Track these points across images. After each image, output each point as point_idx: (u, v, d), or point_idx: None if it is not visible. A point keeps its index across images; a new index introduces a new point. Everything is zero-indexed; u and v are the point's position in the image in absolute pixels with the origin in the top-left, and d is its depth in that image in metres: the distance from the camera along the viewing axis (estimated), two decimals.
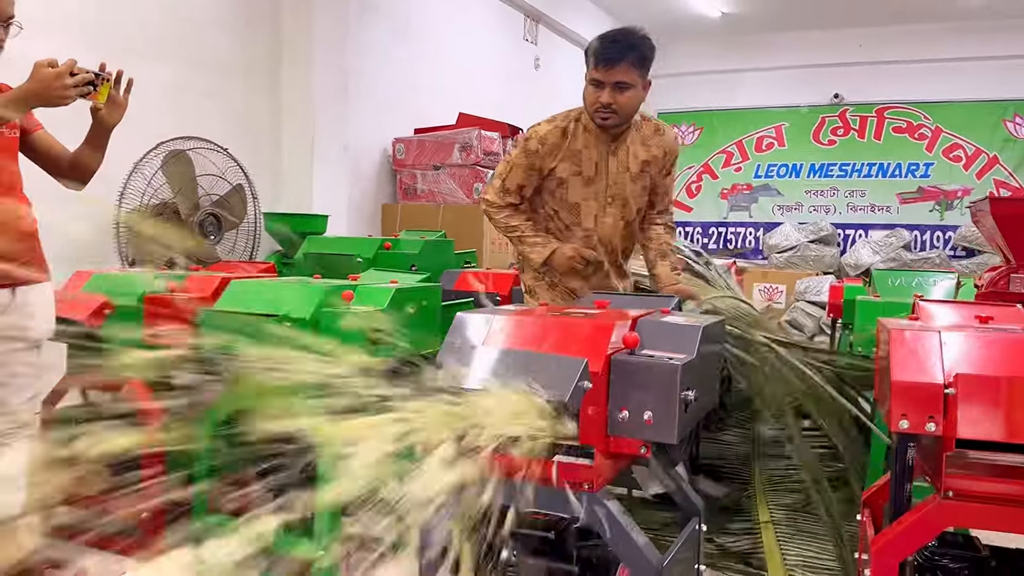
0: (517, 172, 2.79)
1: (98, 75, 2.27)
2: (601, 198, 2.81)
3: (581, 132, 2.75)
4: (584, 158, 2.75)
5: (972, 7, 8.17)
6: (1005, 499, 1.60)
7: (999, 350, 1.64)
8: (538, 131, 2.78)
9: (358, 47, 5.10)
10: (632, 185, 2.83)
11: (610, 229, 2.86)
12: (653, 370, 1.59)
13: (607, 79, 2.60)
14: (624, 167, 2.80)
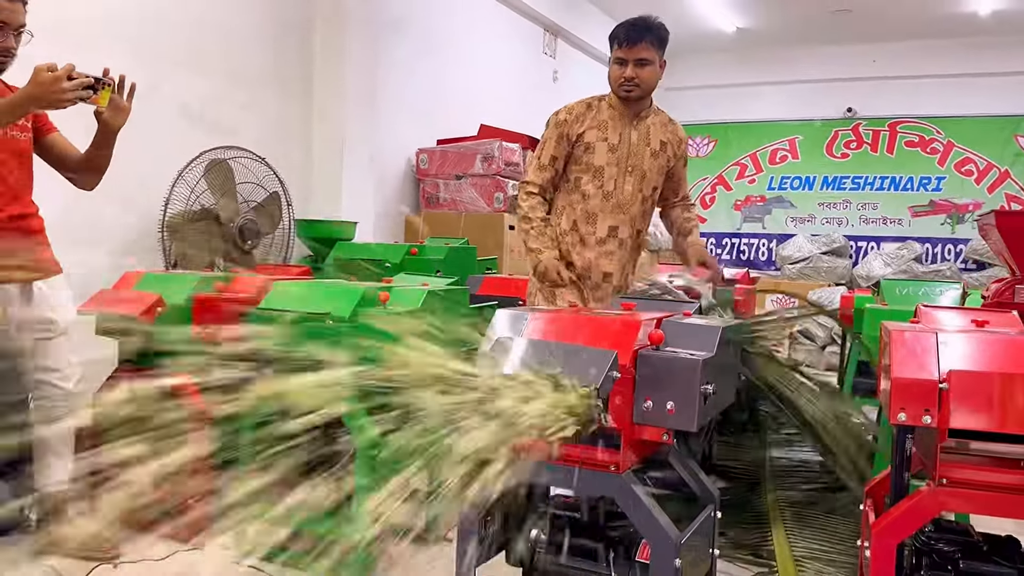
0: (550, 145, 3.03)
1: (98, 79, 2.38)
2: (623, 165, 3.03)
3: (606, 107, 3.03)
4: (610, 127, 3.02)
5: (984, 24, 8.32)
6: (994, 487, 1.76)
7: (990, 349, 1.80)
8: (568, 106, 3.07)
9: (386, 61, 5.30)
10: (651, 160, 3.07)
11: (628, 197, 3.05)
12: (676, 365, 1.75)
13: (630, 56, 2.91)
14: (645, 142, 3.06)
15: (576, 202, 3.06)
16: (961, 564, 1.89)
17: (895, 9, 8.11)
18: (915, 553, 1.97)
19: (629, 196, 3.06)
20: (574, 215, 3.06)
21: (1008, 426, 1.64)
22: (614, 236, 3.06)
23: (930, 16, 8.27)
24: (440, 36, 6.07)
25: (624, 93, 2.97)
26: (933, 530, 1.98)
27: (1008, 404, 1.65)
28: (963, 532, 1.97)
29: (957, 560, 1.90)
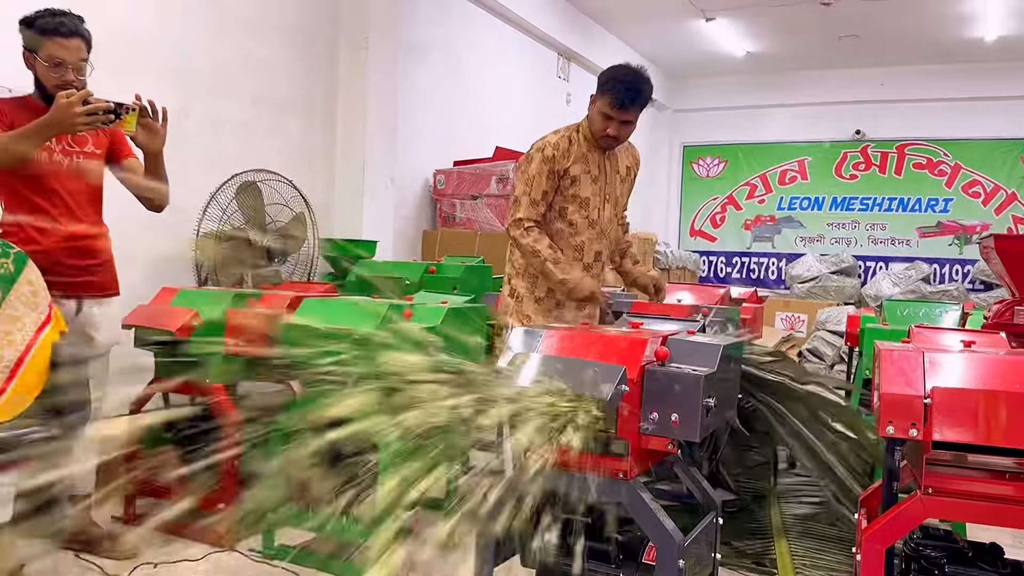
0: (540, 180, 3.11)
1: (120, 105, 2.49)
2: (601, 195, 3.23)
3: (582, 140, 3.17)
4: (590, 160, 3.18)
5: (989, 50, 8.47)
6: (977, 496, 1.89)
7: (972, 368, 1.94)
8: (549, 141, 3.16)
9: (406, 87, 5.49)
10: (620, 185, 3.32)
11: (607, 222, 3.26)
12: (680, 379, 1.90)
13: (617, 117, 3.06)
14: (615, 170, 3.27)
15: (562, 231, 3.18)
16: (947, 569, 2.02)
17: (901, 35, 8.27)
18: (904, 559, 2.10)
19: (607, 221, 3.26)
20: (562, 245, 3.19)
21: (987, 439, 1.78)
22: (599, 260, 3.29)
23: (936, 41, 8.42)
24: (458, 62, 6.26)
25: (605, 145, 3.16)
26: (921, 537, 2.12)
27: (987, 419, 1.78)
28: (949, 539, 2.11)
29: (943, 565, 2.03)
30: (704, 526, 2.10)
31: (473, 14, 6.44)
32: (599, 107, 3.09)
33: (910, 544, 2.12)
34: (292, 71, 4.64)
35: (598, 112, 3.10)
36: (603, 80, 3.11)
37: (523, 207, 3.13)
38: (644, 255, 7.31)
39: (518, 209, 3.15)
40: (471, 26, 6.41)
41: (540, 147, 3.16)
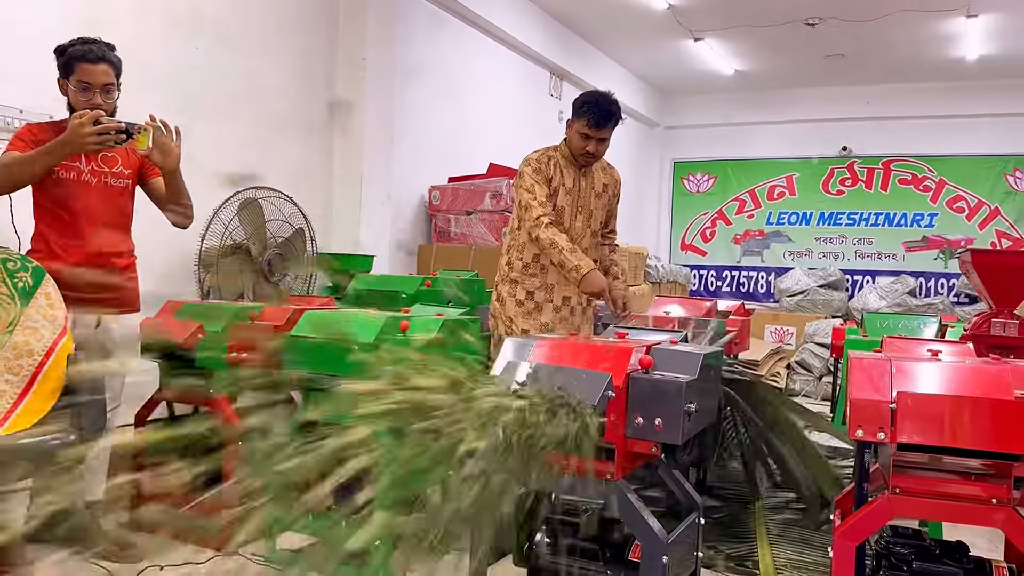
0: (541, 186, 3.46)
1: (132, 125, 2.62)
2: (574, 206, 3.54)
3: (560, 157, 3.54)
4: (565, 174, 3.52)
5: (970, 68, 8.67)
6: (941, 495, 2.02)
7: (935, 375, 2.07)
8: (531, 157, 3.54)
9: (402, 105, 5.64)
10: (596, 201, 3.61)
11: (579, 232, 3.56)
12: (663, 386, 2.02)
13: (594, 135, 3.42)
14: (591, 186, 3.59)
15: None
16: (915, 565, 2.15)
17: (886, 54, 8.47)
18: (875, 556, 2.23)
19: (579, 231, 3.56)
20: (536, 249, 3.48)
21: (948, 441, 1.91)
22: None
23: (920, 61, 8.62)
24: (453, 81, 6.42)
25: (583, 162, 3.51)
26: (891, 535, 2.25)
27: (949, 422, 1.92)
28: (917, 537, 2.24)
29: (911, 562, 2.16)
30: (687, 526, 2.22)
31: (467, 35, 6.60)
32: (576, 128, 3.45)
33: (881, 542, 2.25)
34: (290, 90, 4.78)
35: (576, 133, 3.45)
36: (578, 105, 3.48)
37: (535, 207, 3.42)
38: (635, 269, 7.46)
39: (532, 210, 3.43)
40: (465, 46, 6.57)
41: (527, 162, 3.53)
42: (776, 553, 3.11)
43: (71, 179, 2.77)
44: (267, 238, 4.07)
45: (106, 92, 2.73)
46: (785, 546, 3.21)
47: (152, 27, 3.85)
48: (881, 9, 7.01)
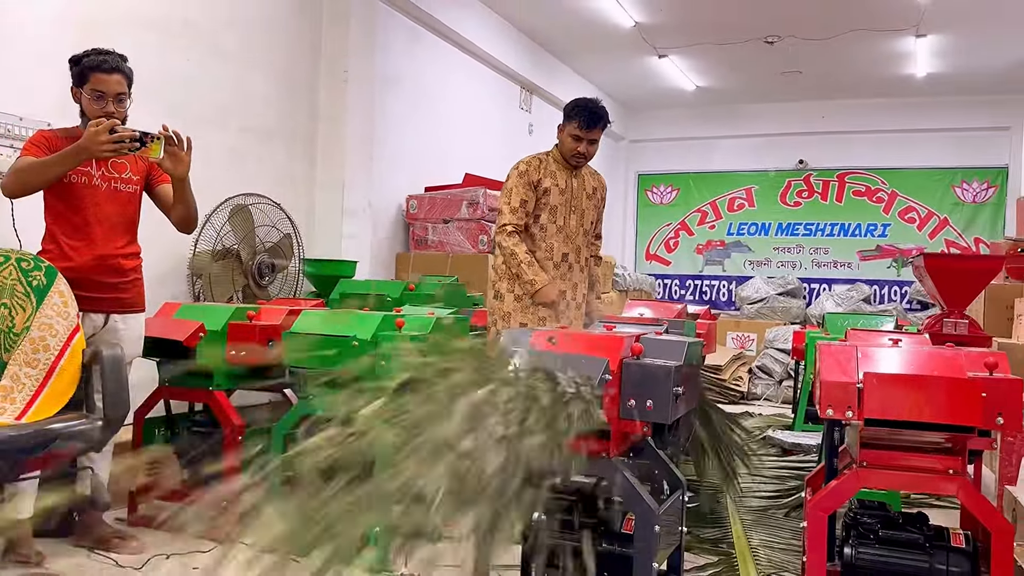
0: (518, 191, 3.67)
1: (146, 133, 2.74)
2: (568, 205, 3.79)
3: (552, 160, 3.79)
4: (558, 176, 3.78)
5: (920, 85, 9.09)
6: (904, 467, 2.24)
7: (897, 358, 2.30)
8: (523, 160, 3.77)
9: (382, 116, 5.80)
10: (587, 201, 3.88)
11: (573, 229, 3.81)
12: (654, 370, 2.21)
13: (585, 136, 3.69)
14: (582, 187, 3.85)
15: (536, 235, 3.74)
16: (881, 533, 2.35)
17: (841, 71, 8.84)
18: (844, 527, 2.44)
19: (574, 229, 3.82)
20: (532, 246, 3.72)
21: (909, 415, 2.12)
22: (565, 261, 3.80)
23: (873, 77, 9.01)
24: (429, 93, 6.59)
25: (575, 163, 3.77)
26: (859, 508, 2.46)
27: (910, 399, 2.13)
28: (883, 509, 2.45)
29: (878, 531, 2.37)
30: (673, 500, 2.41)
31: (442, 49, 6.78)
32: (568, 131, 3.72)
33: (849, 515, 2.46)
34: (276, 102, 4.91)
35: (568, 136, 3.72)
36: (569, 109, 3.75)
37: (505, 214, 3.69)
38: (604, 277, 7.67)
39: (502, 217, 3.71)
40: (440, 60, 6.75)
41: (515, 166, 3.77)
42: (750, 537, 3.31)
43: (82, 183, 2.88)
44: (256, 244, 4.19)
45: (119, 101, 2.85)
46: (758, 530, 3.41)
47: (146, 38, 3.96)
48: (836, 28, 7.35)
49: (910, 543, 2.31)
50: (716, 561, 3.07)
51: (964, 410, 2.09)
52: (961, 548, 2.29)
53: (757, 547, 3.18)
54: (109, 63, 2.82)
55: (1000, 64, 8.21)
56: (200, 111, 4.29)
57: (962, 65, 8.38)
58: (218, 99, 4.45)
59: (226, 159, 4.49)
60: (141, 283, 3.09)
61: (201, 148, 4.33)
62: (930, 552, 2.28)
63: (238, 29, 4.61)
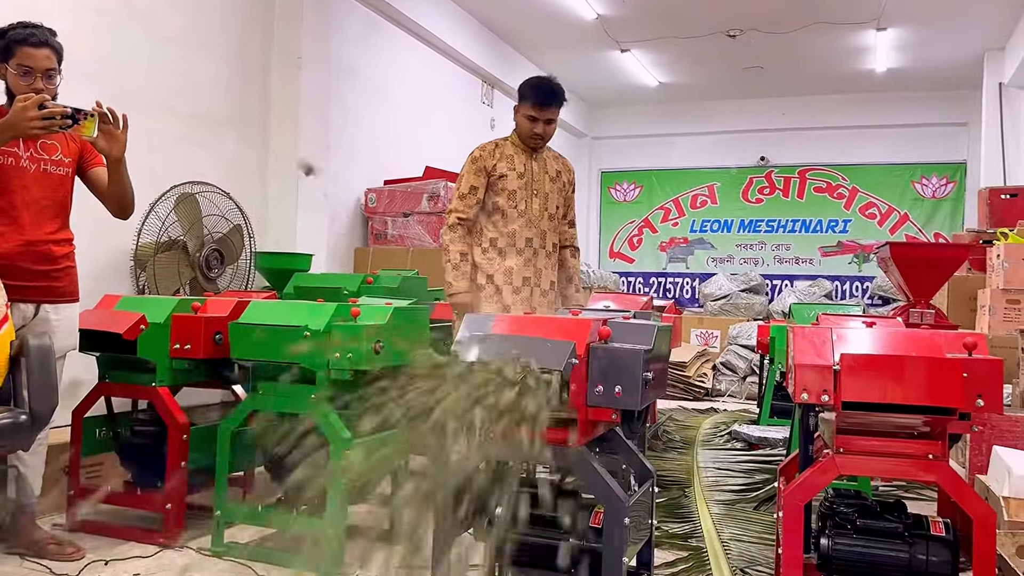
0: (469, 177, 3.56)
1: (78, 110, 2.56)
2: (530, 188, 3.64)
3: (510, 145, 3.66)
4: (516, 160, 3.63)
5: (881, 81, 9.15)
6: (881, 453, 2.14)
7: (875, 339, 2.20)
8: (477, 148, 3.65)
9: (338, 106, 5.62)
10: (551, 184, 3.72)
11: (537, 213, 3.65)
12: (622, 354, 2.09)
13: (541, 116, 3.56)
14: (544, 171, 3.70)
15: (497, 221, 3.60)
16: (859, 523, 2.26)
17: (802, 66, 8.86)
18: (820, 516, 2.34)
19: (537, 213, 3.66)
20: (493, 233, 3.59)
21: (889, 397, 2.03)
22: (529, 246, 3.65)
23: (833, 73, 9.05)
24: (388, 85, 6.43)
25: (534, 144, 3.64)
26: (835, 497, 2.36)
27: (889, 380, 2.04)
28: (859, 497, 2.36)
29: (855, 520, 2.27)
30: (643, 491, 2.29)
31: (401, 40, 6.63)
32: (523, 112, 3.59)
33: (825, 504, 2.36)
34: (225, 86, 4.71)
35: (523, 117, 3.59)
36: (523, 89, 3.62)
37: (453, 200, 3.59)
38: None
39: (450, 204, 3.60)
40: (398, 51, 6.60)
41: (470, 153, 3.64)
42: (720, 531, 3.21)
43: (9, 165, 2.69)
44: (204, 234, 4.00)
45: (48, 77, 2.67)
46: (728, 524, 3.31)
47: (84, 17, 3.76)
48: (798, 21, 7.34)
49: (889, 532, 2.22)
50: (686, 556, 2.96)
51: (945, 391, 2.00)
52: (941, 537, 2.20)
53: (728, 541, 3.08)
54: (37, 36, 2.63)
55: (959, 58, 8.29)
56: (142, 95, 4.09)
57: (922, 59, 8.45)
58: (162, 82, 4.25)
59: (172, 145, 4.29)
60: (74, 271, 2.90)
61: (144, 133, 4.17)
62: (909, 542, 2.19)
63: (183, 9, 4.41)
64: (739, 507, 3.62)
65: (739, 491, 3.89)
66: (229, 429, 2.98)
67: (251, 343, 2.91)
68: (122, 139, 2.71)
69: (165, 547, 2.96)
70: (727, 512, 3.50)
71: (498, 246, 3.59)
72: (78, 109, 2.57)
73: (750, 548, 3.01)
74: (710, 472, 4.28)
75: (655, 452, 4.83)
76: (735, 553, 2.95)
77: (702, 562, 2.89)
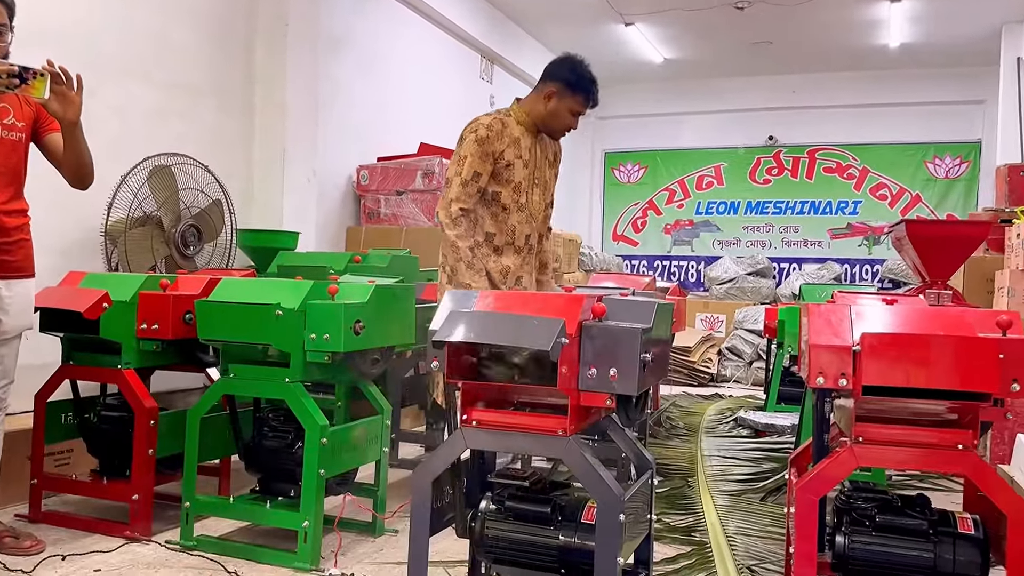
0: (473, 161, 3.08)
1: (27, 69, 2.34)
2: (531, 179, 3.24)
3: (514, 124, 3.20)
4: (522, 144, 3.19)
5: (894, 56, 8.87)
6: (904, 443, 1.93)
7: (898, 317, 1.99)
8: (481, 123, 3.13)
9: (326, 79, 5.38)
10: (549, 171, 3.36)
11: (536, 207, 3.27)
12: (618, 333, 1.88)
13: (583, 112, 3.23)
14: (544, 155, 3.31)
15: (496, 214, 3.17)
16: (878, 519, 2.05)
17: (812, 41, 8.59)
18: (836, 512, 2.13)
19: (536, 206, 3.27)
20: (491, 227, 3.17)
21: (913, 381, 1.82)
22: (527, 243, 3.26)
23: (845, 48, 8.77)
24: (379, 57, 6.18)
25: (560, 135, 3.32)
26: (851, 490, 2.15)
27: (914, 361, 1.82)
28: (879, 491, 2.14)
29: (874, 516, 2.06)
30: (641, 483, 2.08)
31: (395, 10, 6.39)
32: (567, 103, 3.16)
33: (840, 498, 2.16)
34: (206, 55, 4.48)
35: (564, 107, 3.17)
36: (569, 77, 3.17)
37: (454, 187, 3.09)
38: (570, 256, 7.35)
39: (450, 190, 3.11)
40: (392, 21, 6.35)
41: (473, 128, 3.15)
42: (725, 524, 3.00)
43: None
44: (181, 209, 3.79)
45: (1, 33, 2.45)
46: (734, 516, 3.11)
47: None
48: None
49: (911, 530, 2.01)
50: (689, 552, 2.76)
51: (979, 374, 1.80)
52: (970, 535, 1.99)
53: (733, 535, 2.88)
54: None
55: (976, 32, 8.00)
56: (116, 62, 3.87)
57: (937, 33, 8.17)
58: (137, 49, 4.02)
59: (148, 117, 4.07)
60: (29, 245, 2.69)
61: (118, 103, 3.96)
62: (935, 540, 1.99)
63: None
64: (745, 498, 3.42)
65: (745, 481, 3.69)
66: (198, 415, 2.78)
67: (220, 323, 2.71)
68: (76, 101, 2.48)
69: (132, 540, 2.77)
70: (732, 504, 3.30)
71: (495, 242, 3.17)
72: (26, 68, 2.35)
73: (757, 543, 2.80)
74: (715, 460, 4.08)
75: (657, 440, 4.64)
76: (741, 548, 2.75)
77: (706, 558, 2.69)
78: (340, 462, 2.74)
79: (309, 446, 2.62)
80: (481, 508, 2.09)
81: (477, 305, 1.97)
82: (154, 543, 2.76)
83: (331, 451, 2.66)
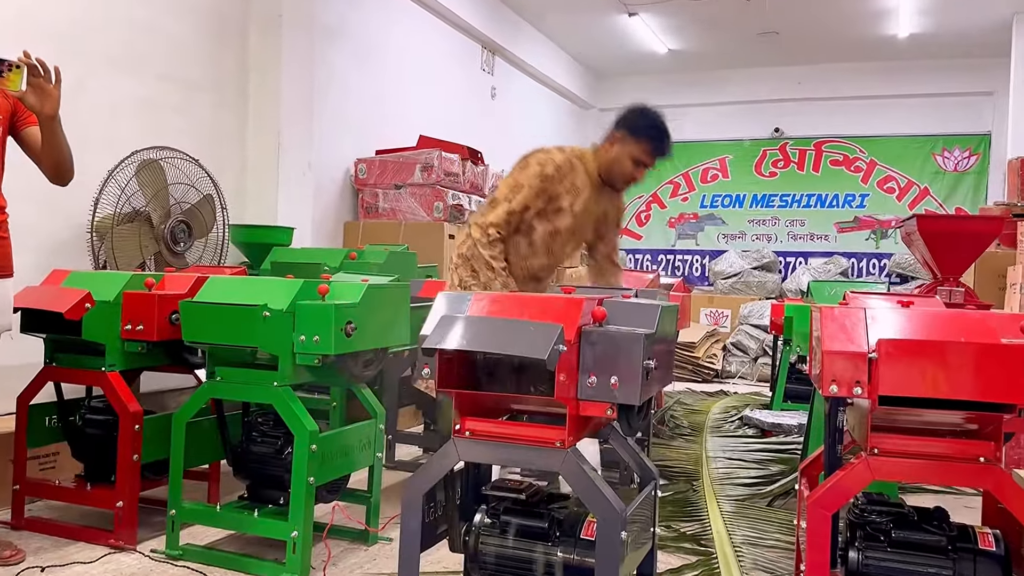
0: (527, 193, 2.92)
1: (1, 61, 2.27)
2: (571, 231, 3.04)
3: (582, 171, 3.00)
4: (580, 195, 2.99)
5: (902, 47, 8.72)
6: (922, 455, 1.82)
7: (916, 321, 1.87)
8: (554, 158, 2.96)
9: (322, 70, 5.27)
10: (591, 227, 3.14)
11: (564, 256, 3.12)
12: (619, 339, 1.77)
13: (652, 165, 3.03)
14: (595, 214, 3.09)
15: (519, 244, 3.02)
16: (894, 534, 1.94)
17: (819, 31, 8.44)
18: (849, 526, 2.02)
19: (565, 255, 3.14)
20: (513, 258, 3.03)
21: (933, 390, 1.70)
22: (534, 279, 3.11)
23: (852, 39, 8.62)
24: (376, 48, 6.06)
25: (622, 187, 3.12)
26: (866, 503, 2.04)
27: (934, 370, 1.71)
28: (894, 504, 2.03)
29: (889, 531, 1.95)
30: (645, 496, 1.98)
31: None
32: (634, 152, 2.99)
33: (854, 511, 2.05)
34: (199, 47, 4.37)
35: (629, 157, 2.99)
36: (639, 125, 3.02)
37: (499, 212, 2.94)
38: None
39: (492, 212, 2.96)
40: (390, 10, 6.22)
41: (542, 160, 2.97)
42: (732, 532, 2.90)
43: None
44: (170, 204, 3.68)
45: None
46: (740, 523, 3.01)
47: None
48: None
49: (929, 546, 1.90)
50: (695, 562, 2.65)
51: (1005, 384, 1.68)
52: (991, 551, 1.88)
53: (740, 545, 2.77)
54: None
55: (986, 22, 7.85)
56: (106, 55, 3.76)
57: (946, 23, 8.02)
58: (127, 41, 3.91)
59: (139, 111, 3.97)
60: (7, 243, 2.59)
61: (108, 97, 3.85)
62: (953, 557, 1.87)
63: None
64: (752, 503, 3.31)
65: (752, 484, 3.59)
66: (184, 419, 2.68)
67: (205, 325, 2.61)
68: (54, 94, 2.38)
69: (116, 549, 2.67)
70: (739, 510, 3.19)
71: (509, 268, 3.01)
72: (2, 60, 2.27)
73: (765, 553, 2.70)
74: (720, 462, 3.98)
75: (661, 439, 4.53)
76: (748, 559, 2.64)
77: (712, 570, 2.58)
78: (330, 469, 2.64)
79: (298, 453, 2.52)
80: (475, 522, 1.99)
81: (471, 309, 1.87)
82: (138, 552, 2.66)
83: (321, 458, 2.56)
